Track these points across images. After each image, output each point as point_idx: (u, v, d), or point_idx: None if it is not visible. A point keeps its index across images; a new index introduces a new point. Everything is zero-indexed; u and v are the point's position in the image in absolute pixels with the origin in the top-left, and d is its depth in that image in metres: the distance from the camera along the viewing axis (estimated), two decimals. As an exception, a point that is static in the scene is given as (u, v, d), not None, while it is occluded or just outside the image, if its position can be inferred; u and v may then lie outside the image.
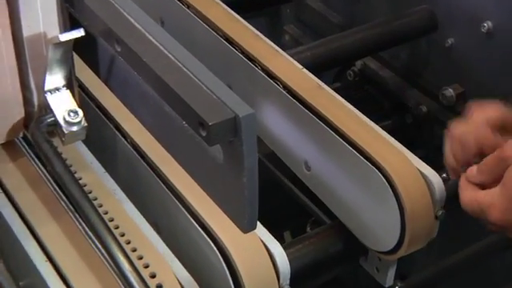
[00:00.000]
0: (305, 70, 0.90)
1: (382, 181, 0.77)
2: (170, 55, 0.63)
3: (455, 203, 0.86)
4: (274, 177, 1.04)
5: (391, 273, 0.86)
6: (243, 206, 0.61)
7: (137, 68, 0.64)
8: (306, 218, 1.04)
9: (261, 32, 0.96)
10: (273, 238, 0.73)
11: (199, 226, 0.72)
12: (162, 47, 0.63)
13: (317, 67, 1.08)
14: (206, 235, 0.71)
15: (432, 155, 1.16)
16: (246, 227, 0.62)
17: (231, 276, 0.69)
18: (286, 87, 0.86)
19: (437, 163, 1.07)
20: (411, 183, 0.77)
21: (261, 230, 0.73)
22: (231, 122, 0.57)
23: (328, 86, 1.18)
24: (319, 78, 0.93)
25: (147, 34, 0.64)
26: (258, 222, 0.73)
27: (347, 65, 1.24)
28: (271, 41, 0.96)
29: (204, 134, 0.57)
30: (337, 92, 1.10)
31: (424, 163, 0.81)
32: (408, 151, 0.81)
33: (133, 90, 0.74)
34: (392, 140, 0.82)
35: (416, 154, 1.14)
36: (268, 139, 0.93)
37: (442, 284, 1.02)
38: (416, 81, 1.16)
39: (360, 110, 1.13)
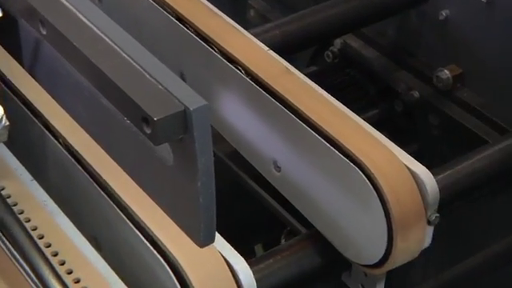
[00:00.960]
0: (271, 51, 0.92)
1: (364, 181, 0.79)
2: (106, 38, 0.64)
3: (452, 206, 0.88)
4: (240, 180, 1.06)
5: (379, 290, 0.88)
6: (198, 215, 0.62)
7: (66, 54, 0.65)
8: (280, 229, 1.06)
9: (221, 7, 0.97)
10: (235, 252, 0.74)
11: (147, 240, 0.73)
12: (96, 29, 0.64)
13: (288, 48, 1.10)
14: (155, 251, 0.72)
15: (427, 149, 1.19)
16: (203, 240, 0.63)
17: (186, 298, 0.71)
18: (248, 72, 0.88)
19: (432, 159, 1.10)
20: (398, 183, 0.79)
21: (221, 244, 0.75)
22: (180, 116, 0.58)
23: (303, 70, 1.21)
24: (291, 61, 0.94)
25: (78, 14, 0.65)
26: (218, 235, 0.74)
27: (324, 44, 1.26)
28: (233, 17, 0.97)
29: (149, 131, 0.59)
30: (313, 77, 1.11)
31: (414, 159, 0.83)
32: (395, 146, 0.84)
33: (63, 81, 0.75)
34: (376, 133, 0.84)
35: (408, 149, 1.16)
36: (229, 135, 0.95)
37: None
38: (406, 61, 1.19)
39: (341, 98, 1.15)
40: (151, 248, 0.73)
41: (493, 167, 0.93)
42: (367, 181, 0.79)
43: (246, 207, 1.15)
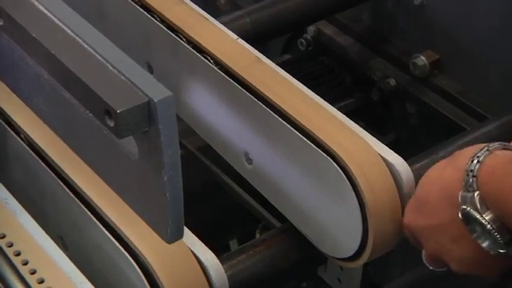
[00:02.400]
0: (241, 40, 0.92)
1: (338, 172, 0.79)
2: (66, 29, 0.64)
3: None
4: (213, 174, 1.06)
5: (356, 284, 0.89)
6: (165, 210, 0.62)
7: (26, 46, 0.65)
8: (255, 223, 1.06)
9: (189, -6, 0.97)
10: (206, 248, 0.75)
11: (114, 237, 0.73)
12: (56, 19, 0.64)
13: (259, 37, 1.11)
14: (122, 249, 0.73)
15: (405, 139, 1.20)
16: (171, 237, 0.64)
17: (156, 297, 0.71)
18: (217, 62, 0.88)
19: (410, 149, 1.10)
20: (373, 174, 0.79)
21: (191, 240, 0.75)
22: (144, 108, 0.59)
23: (276, 59, 1.21)
24: (263, 50, 0.94)
25: (37, 4, 0.65)
26: (188, 231, 0.75)
27: (297, 32, 1.26)
28: (201, 5, 0.97)
29: (112, 124, 0.59)
30: (287, 66, 1.12)
31: (389, 149, 0.83)
32: (369, 135, 0.84)
33: (23, 74, 0.74)
34: (350, 122, 0.85)
35: (386, 139, 1.18)
36: (199, 128, 0.95)
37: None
38: (381, 48, 1.19)
39: (316, 87, 1.16)
40: (119, 246, 0.73)
41: (470, 155, 0.94)
42: (341, 172, 0.79)
43: (220, 202, 1.15)
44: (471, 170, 0.69)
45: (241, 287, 0.83)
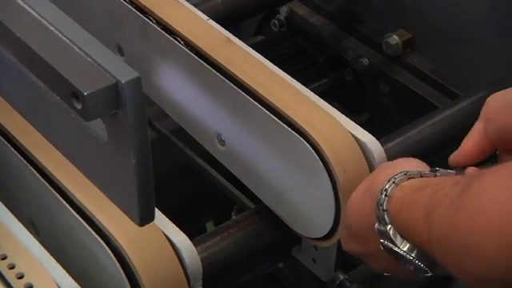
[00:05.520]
0: (211, 21, 0.92)
1: (309, 151, 0.79)
2: (31, 11, 0.63)
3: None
4: (186, 157, 1.06)
5: (330, 263, 0.89)
6: (135, 193, 0.62)
7: (-11, 29, 0.64)
8: (231, 205, 1.07)
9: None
10: (178, 230, 0.75)
11: (85, 221, 0.73)
12: (20, 1, 0.64)
13: (230, 17, 1.11)
14: (94, 232, 0.72)
15: (379, 118, 1.21)
16: (141, 219, 0.63)
17: (129, 280, 0.71)
18: (187, 43, 0.88)
19: (384, 128, 1.11)
20: (345, 152, 0.80)
21: (164, 223, 0.75)
22: (112, 89, 0.58)
23: (249, 40, 1.21)
24: (236, 32, 0.94)
25: (0, -15, 0.65)
26: (160, 213, 0.75)
27: (270, 13, 1.26)
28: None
29: (79, 106, 0.58)
30: (260, 47, 1.12)
31: (361, 128, 0.83)
32: (341, 115, 0.84)
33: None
34: (321, 102, 0.85)
35: (360, 118, 1.19)
36: (172, 110, 0.95)
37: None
38: (354, 28, 1.20)
39: (290, 67, 1.16)
40: (90, 229, 0.73)
41: (442, 133, 0.95)
42: (313, 151, 0.79)
43: (195, 184, 1.15)
44: (381, 204, 0.69)
45: (215, 269, 0.84)
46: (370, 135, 0.83)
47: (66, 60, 0.60)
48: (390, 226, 0.69)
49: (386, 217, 0.69)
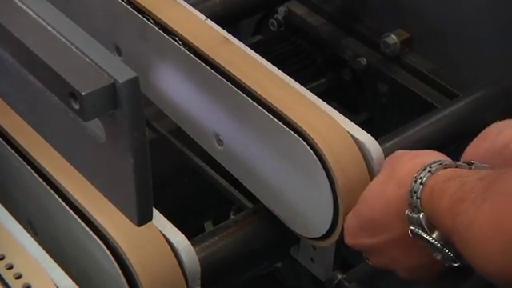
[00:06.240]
0: (209, 21, 0.92)
1: (308, 151, 0.79)
2: (29, 11, 0.63)
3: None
4: (185, 157, 1.06)
5: (329, 263, 0.89)
6: (133, 193, 0.62)
7: (-13, 30, 0.64)
8: (229, 205, 1.07)
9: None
10: (177, 230, 0.75)
11: (83, 221, 0.73)
12: (18, 1, 0.64)
13: (229, 17, 1.11)
14: (92, 232, 0.72)
15: (377, 118, 1.21)
16: (140, 219, 0.64)
17: (127, 280, 0.71)
18: (185, 43, 0.88)
19: (383, 127, 1.11)
20: (343, 152, 0.80)
21: (161, 222, 0.75)
22: (109, 89, 0.58)
23: (247, 40, 1.21)
24: (235, 32, 0.94)
25: (-2, -15, 0.65)
26: (158, 213, 0.75)
27: (268, 13, 1.26)
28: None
29: (77, 106, 0.58)
30: (259, 47, 1.12)
31: (359, 128, 0.83)
32: (339, 114, 0.84)
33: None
34: (320, 102, 0.85)
35: (358, 118, 1.19)
36: (170, 110, 0.95)
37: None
38: (352, 27, 1.20)
39: (288, 67, 1.16)
40: (88, 230, 0.73)
41: (441, 133, 0.95)
42: (311, 151, 0.79)
43: (193, 184, 1.15)
44: (415, 192, 0.71)
45: (214, 269, 0.84)
46: (369, 135, 0.83)
47: (63, 60, 0.60)
48: (422, 214, 0.70)
49: (418, 204, 0.70)
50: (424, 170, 0.71)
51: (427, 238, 0.70)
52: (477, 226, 0.63)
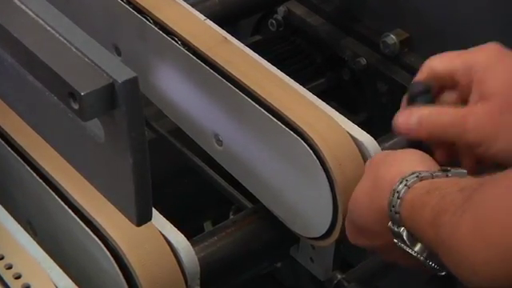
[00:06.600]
0: (208, 21, 0.92)
1: (307, 151, 0.79)
2: (28, 11, 0.63)
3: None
4: (184, 157, 1.06)
5: (328, 263, 0.89)
6: (132, 193, 0.62)
7: (-14, 30, 0.64)
8: (229, 205, 1.07)
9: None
10: (176, 230, 0.75)
11: (83, 221, 0.73)
12: (17, 1, 0.64)
13: (228, 17, 1.10)
14: (91, 232, 0.72)
15: (377, 118, 1.21)
16: (139, 219, 0.64)
17: (126, 280, 0.71)
18: (184, 43, 0.88)
19: (382, 127, 1.11)
20: (342, 152, 0.80)
21: (161, 222, 0.75)
22: (108, 89, 0.58)
23: (246, 40, 1.21)
24: (234, 32, 0.94)
25: (-2, -14, 0.65)
26: (158, 213, 0.75)
27: (268, 13, 1.26)
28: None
29: (76, 106, 0.58)
30: (258, 47, 1.12)
31: (358, 127, 0.83)
32: (338, 114, 0.84)
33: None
34: (319, 102, 0.85)
35: (358, 118, 1.19)
36: (169, 110, 0.95)
37: (395, 272, 1.06)
38: (351, 27, 1.19)
39: (288, 67, 1.16)
40: (88, 230, 0.73)
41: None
42: (310, 151, 0.79)
43: (193, 184, 1.15)
44: (393, 206, 0.71)
45: (213, 269, 0.84)
46: (368, 135, 0.83)
47: (62, 60, 0.60)
48: (402, 228, 0.71)
49: (398, 219, 0.70)
50: (401, 183, 0.71)
51: (409, 250, 0.71)
52: (460, 236, 0.63)
